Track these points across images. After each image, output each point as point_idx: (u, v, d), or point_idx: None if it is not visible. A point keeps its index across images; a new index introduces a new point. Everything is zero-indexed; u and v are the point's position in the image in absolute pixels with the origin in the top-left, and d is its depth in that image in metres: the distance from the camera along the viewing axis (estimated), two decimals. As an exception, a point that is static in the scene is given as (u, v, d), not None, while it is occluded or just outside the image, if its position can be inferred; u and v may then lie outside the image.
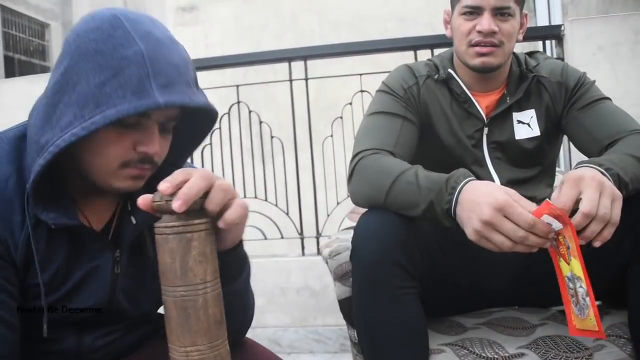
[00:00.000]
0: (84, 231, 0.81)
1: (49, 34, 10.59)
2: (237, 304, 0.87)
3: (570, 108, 1.23)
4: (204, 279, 0.68)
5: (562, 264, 0.92)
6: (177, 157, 0.88)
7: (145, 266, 0.89)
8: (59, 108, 0.72)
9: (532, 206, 0.90)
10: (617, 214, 0.90)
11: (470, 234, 0.93)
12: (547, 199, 0.90)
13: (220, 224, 0.69)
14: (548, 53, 2.55)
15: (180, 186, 0.66)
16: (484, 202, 0.90)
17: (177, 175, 0.67)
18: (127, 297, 0.88)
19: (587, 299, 0.89)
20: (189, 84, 0.76)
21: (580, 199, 0.90)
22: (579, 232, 0.90)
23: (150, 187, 0.75)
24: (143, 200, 0.67)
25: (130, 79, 0.70)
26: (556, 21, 4.28)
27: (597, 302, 1.17)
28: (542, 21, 4.29)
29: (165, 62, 0.73)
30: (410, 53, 2.35)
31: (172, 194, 0.66)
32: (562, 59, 2.23)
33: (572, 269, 0.90)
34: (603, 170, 0.95)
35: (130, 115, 0.71)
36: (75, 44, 0.73)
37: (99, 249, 0.83)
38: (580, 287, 0.89)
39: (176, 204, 0.64)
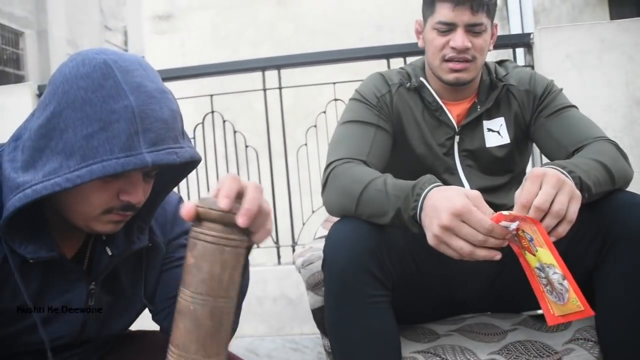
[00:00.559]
0: (61, 262, 0.80)
1: (23, 42, 10.45)
2: (239, 307, 0.88)
3: (538, 116, 1.25)
4: (238, 293, 0.71)
5: (529, 257, 0.93)
6: (158, 194, 0.87)
7: (118, 296, 0.88)
8: (45, 153, 0.70)
9: (491, 211, 0.91)
10: (573, 211, 0.91)
11: (430, 238, 0.94)
12: (501, 212, 0.91)
13: (258, 237, 0.71)
14: (519, 60, 2.60)
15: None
16: (443, 207, 0.91)
17: (232, 185, 0.67)
18: (98, 327, 0.88)
19: (565, 282, 0.89)
20: (177, 138, 0.75)
21: None
22: None
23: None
24: (189, 210, 0.66)
25: (119, 134, 0.69)
26: (529, 29, 4.35)
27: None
28: (515, 29, 4.37)
29: (155, 118, 0.72)
30: (394, 60, 2.36)
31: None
32: (532, 67, 2.27)
33: (540, 258, 0.91)
34: (565, 172, 0.97)
35: (117, 173, 0.70)
36: (64, 88, 0.71)
37: (73, 280, 0.82)
38: (555, 273, 0.90)
39: (243, 220, 0.65)
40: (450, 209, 0.90)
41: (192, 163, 0.83)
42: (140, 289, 0.91)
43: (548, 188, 0.91)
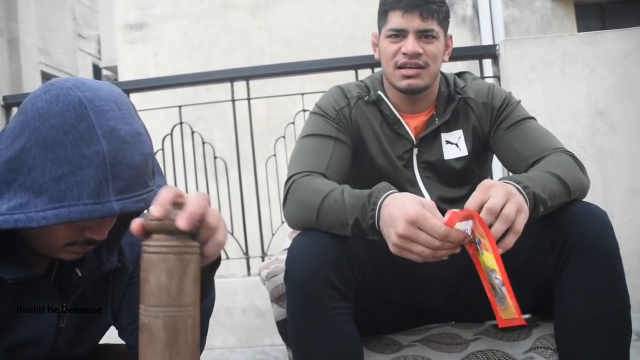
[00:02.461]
0: (36, 283, 0.79)
1: (-7, 50, 10.26)
2: (204, 324, 0.87)
3: (497, 128, 1.27)
4: (195, 301, 0.68)
5: (482, 260, 0.95)
6: (127, 217, 0.85)
7: (90, 316, 0.88)
8: (12, 187, 0.69)
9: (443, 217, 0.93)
10: (521, 223, 0.94)
11: (391, 247, 0.96)
12: (453, 209, 0.93)
13: (209, 249, 0.69)
14: (486, 71, 2.65)
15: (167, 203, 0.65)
16: (398, 215, 0.93)
17: (166, 194, 0.65)
18: (68, 346, 0.87)
19: (503, 288, 0.91)
20: (146, 182, 0.74)
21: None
22: None
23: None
24: (136, 226, 0.65)
25: (88, 180, 0.68)
26: (499, 40, 4.43)
27: (526, 315, 1.22)
28: (486, 39, 4.44)
29: (126, 165, 0.71)
30: (362, 70, 2.37)
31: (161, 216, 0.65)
32: (499, 78, 2.31)
33: (484, 262, 0.93)
34: (520, 188, 0.99)
35: (83, 220, 0.69)
36: (35, 124, 0.69)
37: (45, 301, 0.81)
38: (496, 278, 0.92)
39: (183, 222, 0.64)
40: (404, 217, 0.91)
41: None
42: (107, 308, 0.90)
43: (498, 195, 0.94)
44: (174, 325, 0.67)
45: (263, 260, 2.45)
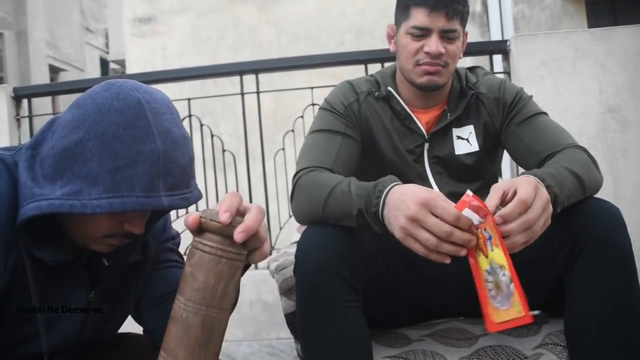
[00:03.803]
0: (69, 268, 0.82)
1: (3, 43, 10.30)
2: None
3: (509, 123, 1.27)
4: (232, 305, 0.73)
5: (481, 258, 0.94)
6: (155, 215, 0.89)
7: (110, 302, 0.90)
8: (66, 175, 0.72)
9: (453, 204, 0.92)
10: (539, 234, 0.93)
11: (397, 231, 0.94)
12: (467, 192, 0.93)
13: (255, 259, 0.76)
14: (496, 67, 2.63)
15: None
16: (409, 198, 0.92)
17: (233, 201, 0.71)
18: (95, 332, 0.90)
19: (512, 285, 0.90)
20: (189, 183, 0.79)
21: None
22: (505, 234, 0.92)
23: None
24: (193, 221, 0.70)
25: (142, 174, 0.72)
26: (509, 36, 4.41)
27: (536, 312, 1.21)
28: (495, 36, 4.41)
29: (176, 164, 0.75)
30: (371, 65, 2.36)
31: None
32: (509, 73, 2.30)
33: (493, 258, 0.92)
34: (543, 185, 0.98)
35: (135, 210, 0.72)
36: (95, 118, 0.73)
37: (76, 287, 0.84)
38: (504, 275, 0.91)
39: (240, 237, 0.69)
40: (416, 199, 0.91)
41: None
42: (131, 294, 0.93)
43: (539, 206, 0.92)
44: (210, 325, 0.70)
45: (271, 253, 2.46)
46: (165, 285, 0.94)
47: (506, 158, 1.36)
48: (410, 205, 0.91)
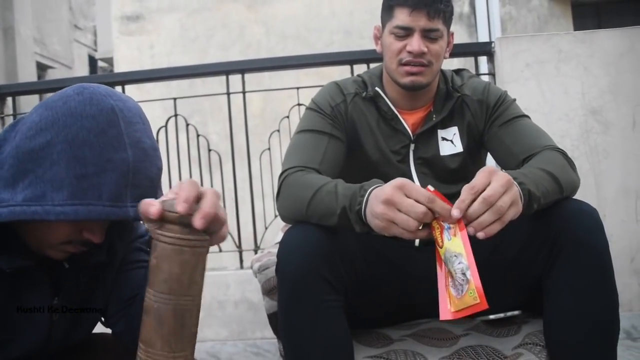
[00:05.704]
0: (29, 275, 0.79)
1: (-12, 39, 10.19)
2: None
3: (491, 125, 1.28)
4: (200, 291, 0.72)
5: (438, 249, 0.95)
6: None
7: (83, 305, 0.88)
8: (28, 178, 0.70)
9: None
10: (510, 216, 0.94)
11: (377, 221, 0.95)
12: (428, 187, 0.95)
13: (214, 241, 0.73)
14: (481, 68, 2.65)
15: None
16: (385, 186, 0.94)
17: (190, 189, 0.68)
18: (65, 337, 0.88)
19: (468, 272, 0.90)
20: (156, 193, 0.78)
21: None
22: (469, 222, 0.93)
23: None
24: (155, 211, 0.67)
25: (110, 183, 0.71)
26: (496, 37, 4.44)
27: (516, 312, 1.23)
28: (482, 37, 4.44)
29: (145, 175, 0.75)
30: (357, 65, 2.37)
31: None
32: (494, 75, 2.32)
33: (448, 247, 0.93)
34: (516, 183, 0.99)
35: (100, 220, 0.71)
36: (66, 122, 0.71)
37: (38, 293, 0.82)
38: (460, 262, 0.91)
39: (199, 223, 0.67)
40: (392, 184, 0.93)
41: None
42: (99, 296, 0.91)
43: (497, 185, 0.93)
44: (182, 313, 0.70)
45: (256, 253, 2.46)
46: (133, 288, 0.91)
47: (490, 160, 1.37)
48: (386, 189, 0.93)
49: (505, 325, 1.22)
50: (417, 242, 1.28)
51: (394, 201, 0.92)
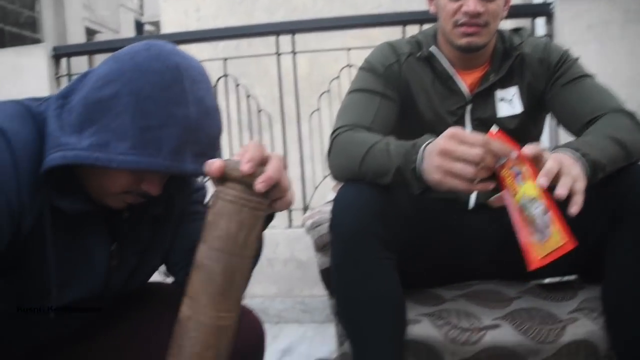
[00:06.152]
0: (88, 220, 0.81)
1: (40, 5, 10.40)
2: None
3: (553, 84, 1.24)
4: (253, 254, 0.73)
5: (513, 197, 0.92)
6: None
7: (141, 256, 0.90)
8: (95, 126, 0.72)
9: None
10: (580, 188, 0.91)
11: (433, 175, 0.93)
12: (493, 127, 0.93)
13: (277, 207, 0.75)
14: (538, 31, 2.55)
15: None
16: (437, 139, 0.93)
17: (256, 151, 0.70)
18: (122, 285, 0.90)
19: (548, 215, 0.88)
20: (214, 154, 0.78)
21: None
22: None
23: None
24: (216, 169, 0.69)
25: (171, 138, 0.72)
26: (551, -1, 4.25)
27: (572, 276, 1.20)
28: (537, -2, 4.26)
29: (205, 134, 0.76)
30: (410, 27, 2.31)
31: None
32: (552, 37, 2.22)
33: (524, 192, 0.90)
34: (580, 155, 0.96)
35: (159, 171, 0.73)
36: (132, 75, 0.73)
37: (97, 240, 0.84)
38: (537, 207, 0.89)
39: (261, 186, 0.69)
40: (443, 135, 0.92)
41: None
42: (158, 248, 0.93)
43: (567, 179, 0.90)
44: (232, 273, 0.70)
45: (305, 212, 2.48)
46: (193, 238, 0.91)
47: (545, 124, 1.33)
48: (439, 141, 0.92)
49: (560, 290, 1.21)
50: (471, 203, 1.27)
51: (448, 150, 0.90)
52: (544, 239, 0.89)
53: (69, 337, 0.94)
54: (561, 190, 0.88)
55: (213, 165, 0.69)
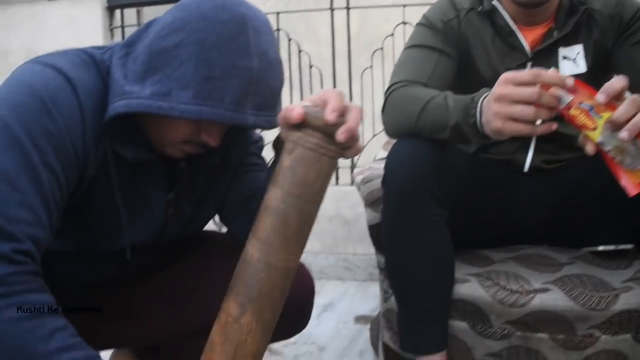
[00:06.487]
0: (149, 168, 0.83)
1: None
2: None
3: (623, 43, 1.17)
4: (322, 202, 0.75)
5: (590, 134, 0.85)
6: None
7: (197, 205, 0.92)
8: (158, 74, 0.73)
9: None
10: None
11: (493, 123, 0.89)
12: (552, 69, 0.86)
13: (350, 154, 0.76)
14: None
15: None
16: (494, 87, 0.90)
17: (339, 101, 0.71)
18: (177, 232, 0.93)
19: (638, 141, 0.82)
20: (275, 107, 0.78)
21: None
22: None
23: None
24: (297, 114, 0.70)
25: (234, 89, 0.72)
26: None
27: (629, 245, 1.17)
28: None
29: (267, 86, 0.75)
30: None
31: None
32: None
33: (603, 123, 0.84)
34: None
35: (220, 122, 0.73)
36: (198, 25, 0.72)
37: (156, 187, 0.86)
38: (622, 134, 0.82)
39: (342, 137, 0.69)
40: (500, 80, 0.88)
41: None
42: (213, 197, 0.95)
43: None
44: (305, 219, 0.72)
45: (352, 171, 2.48)
46: (248, 189, 0.95)
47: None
48: (494, 89, 0.89)
49: (614, 258, 1.18)
50: (526, 166, 1.24)
51: (504, 94, 0.87)
52: (638, 166, 0.84)
53: (126, 278, 0.98)
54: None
55: (294, 111, 0.69)
